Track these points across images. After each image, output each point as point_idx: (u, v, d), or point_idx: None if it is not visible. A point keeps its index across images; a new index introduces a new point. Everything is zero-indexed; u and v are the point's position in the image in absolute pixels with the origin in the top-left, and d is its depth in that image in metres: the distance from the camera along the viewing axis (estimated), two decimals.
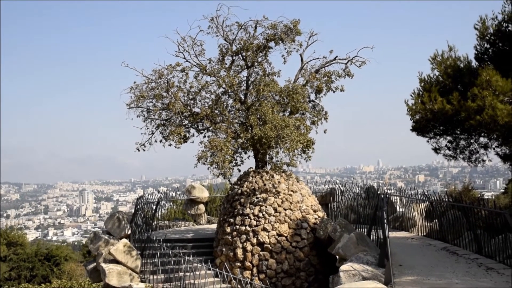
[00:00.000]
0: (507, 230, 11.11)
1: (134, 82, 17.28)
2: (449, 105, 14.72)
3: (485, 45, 16.40)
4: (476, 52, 16.66)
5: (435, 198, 17.83)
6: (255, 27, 17.20)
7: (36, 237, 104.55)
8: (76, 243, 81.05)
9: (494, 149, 17.06)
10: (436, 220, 16.55)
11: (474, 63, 16.38)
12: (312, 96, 17.94)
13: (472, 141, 16.92)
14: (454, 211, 14.93)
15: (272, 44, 17.19)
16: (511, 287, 6.95)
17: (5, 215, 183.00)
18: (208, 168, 15.68)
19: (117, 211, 18.88)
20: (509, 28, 15.37)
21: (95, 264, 15.66)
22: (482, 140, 16.72)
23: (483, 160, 17.41)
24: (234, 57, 17.54)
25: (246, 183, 16.73)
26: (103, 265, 14.54)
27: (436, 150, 17.60)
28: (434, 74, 16.62)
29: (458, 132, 16.50)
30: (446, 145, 17.30)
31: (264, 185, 16.43)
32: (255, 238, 15.58)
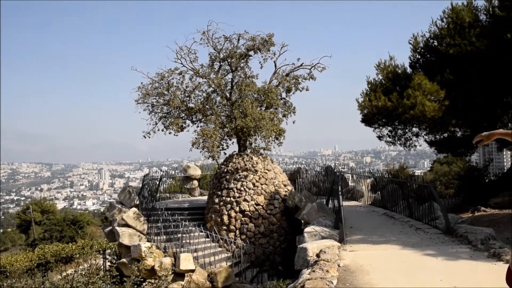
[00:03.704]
0: (431, 199, 11.27)
1: (141, 83, 17.09)
2: (389, 103, 14.83)
3: (417, 56, 16.60)
4: (410, 61, 16.85)
5: (378, 175, 18.00)
6: (238, 39, 17.06)
7: (64, 206, 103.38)
8: (95, 211, 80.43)
9: (423, 136, 17.33)
10: (379, 192, 16.72)
11: (409, 70, 16.56)
12: (283, 95, 17.87)
13: (407, 130, 17.12)
14: (392, 185, 15.09)
15: (251, 53, 17.06)
16: None
17: (39, 188, 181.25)
18: (200, 152, 15.62)
19: (128, 186, 18.71)
20: (435, 44, 15.55)
21: (111, 227, 15.53)
22: (414, 130, 16.94)
23: (415, 145, 17.67)
24: (221, 63, 17.39)
25: (230, 163, 16.70)
26: (117, 228, 14.47)
27: (380, 137, 17.77)
28: (378, 78, 16.74)
29: (396, 124, 16.67)
30: (387, 134, 17.47)
31: (245, 165, 16.42)
32: (238, 207, 15.59)
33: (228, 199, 15.80)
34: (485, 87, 13.48)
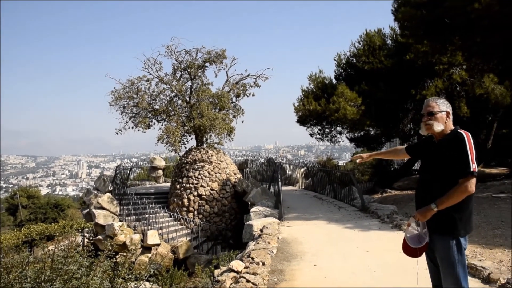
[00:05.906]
0: (351, 184, 11.57)
1: (114, 88, 16.41)
2: (319, 107, 15.07)
3: (340, 70, 16.96)
4: (335, 74, 17.20)
5: (310, 165, 18.34)
6: (196, 53, 16.70)
7: (47, 192, 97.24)
8: (75, 196, 76.11)
9: (345, 134, 17.76)
10: (311, 179, 17.03)
11: (334, 81, 16.90)
12: (234, 99, 17.69)
13: (332, 129, 17.47)
14: (321, 173, 15.40)
15: (207, 64, 16.71)
16: None
17: (25, 177, 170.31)
18: (164, 146, 15.20)
19: (103, 175, 17.91)
20: (354, 61, 15.97)
21: (88, 210, 14.79)
22: (338, 129, 17.32)
23: (339, 141, 18.08)
24: (182, 72, 16.93)
25: (190, 155, 16.35)
26: (94, 210, 13.82)
27: (311, 135, 18.02)
28: (310, 87, 16.96)
29: (324, 124, 16.98)
30: (317, 132, 17.75)
31: (202, 157, 16.13)
32: (196, 192, 15.30)
33: (188, 185, 15.46)
34: (391, 96, 14.01)
